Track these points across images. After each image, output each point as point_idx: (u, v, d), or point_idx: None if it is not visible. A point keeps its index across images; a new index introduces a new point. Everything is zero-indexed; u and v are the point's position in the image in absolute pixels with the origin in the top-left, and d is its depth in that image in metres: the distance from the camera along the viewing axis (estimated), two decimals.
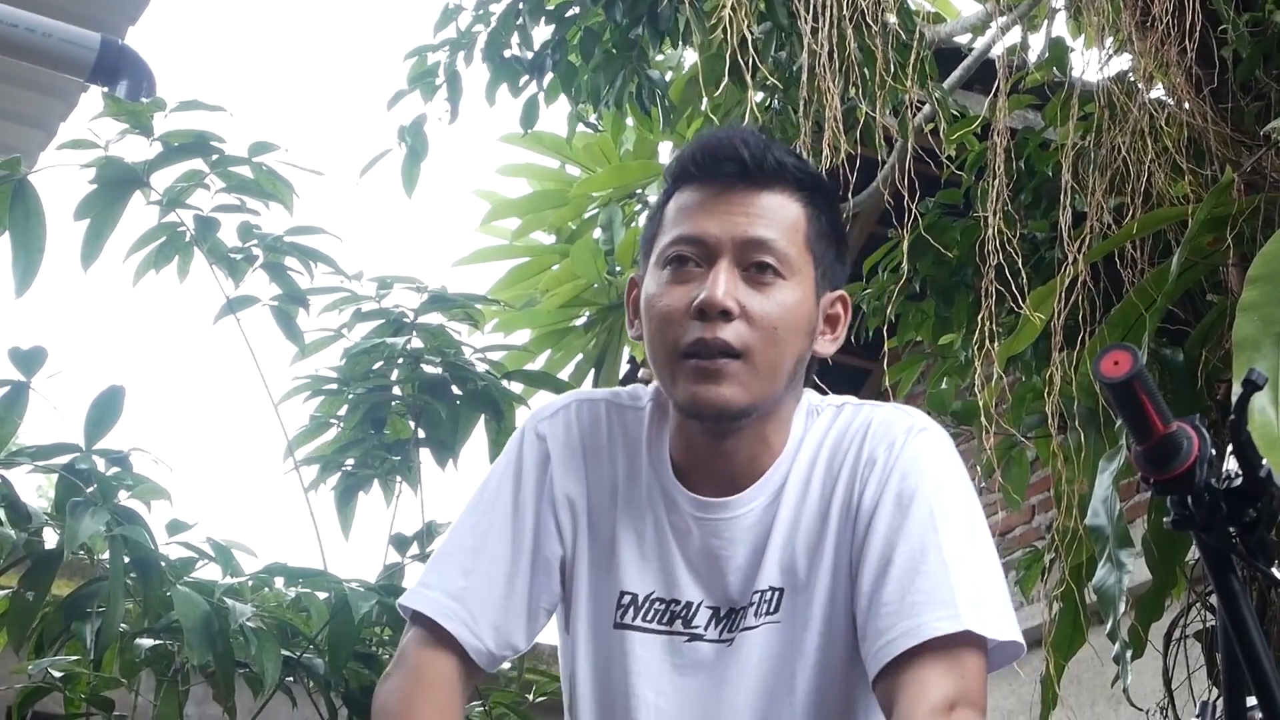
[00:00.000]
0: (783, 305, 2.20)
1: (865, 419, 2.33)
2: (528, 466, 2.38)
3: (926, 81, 5.65)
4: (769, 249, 2.20)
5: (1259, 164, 4.82)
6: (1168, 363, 4.91)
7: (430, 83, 6.70)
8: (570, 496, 2.36)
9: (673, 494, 2.32)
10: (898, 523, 2.20)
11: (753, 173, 2.22)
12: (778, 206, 2.23)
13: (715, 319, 2.16)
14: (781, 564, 2.27)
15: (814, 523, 2.28)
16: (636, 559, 2.32)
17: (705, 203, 2.23)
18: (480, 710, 4.22)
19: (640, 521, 2.33)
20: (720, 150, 2.24)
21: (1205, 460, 1.89)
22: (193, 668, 3.78)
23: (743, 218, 2.21)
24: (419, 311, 4.50)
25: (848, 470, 2.28)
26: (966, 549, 2.19)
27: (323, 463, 4.46)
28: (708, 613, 2.29)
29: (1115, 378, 1.85)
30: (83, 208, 4.04)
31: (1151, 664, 5.27)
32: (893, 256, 5.94)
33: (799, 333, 2.23)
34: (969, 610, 2.12)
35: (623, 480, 2.36)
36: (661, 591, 2.30)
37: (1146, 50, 4.90)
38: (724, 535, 2.29)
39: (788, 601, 2.26)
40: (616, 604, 2.31)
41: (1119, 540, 4.36)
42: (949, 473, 2.28)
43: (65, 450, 3.73)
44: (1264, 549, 1.93)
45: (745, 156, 2.21)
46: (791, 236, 2.23)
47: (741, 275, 2.19)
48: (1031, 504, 8.36)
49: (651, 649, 2.29)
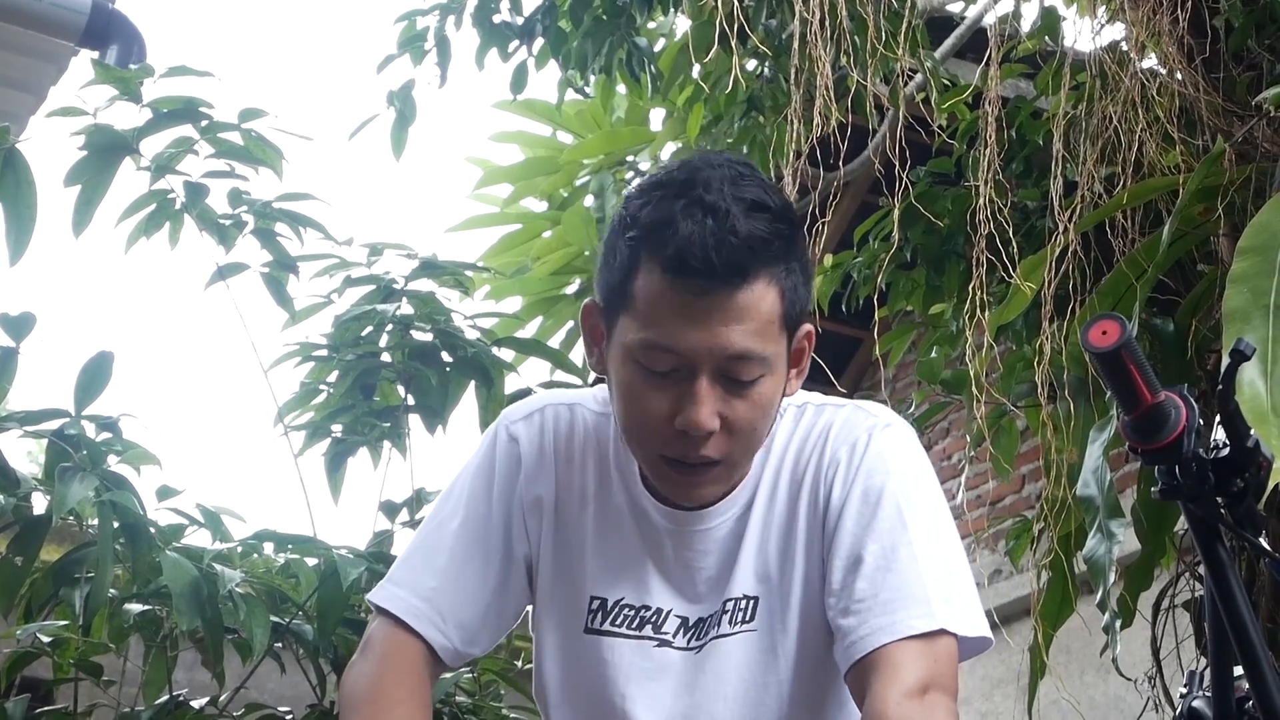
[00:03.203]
0: (761, 402, 2.13)
1: (826, 422, 2.32)
2: (500, 468, 2.37)
3: (918, 50, 5.65)
4: (751, 361, 2.09)
5: (1250, 134, 4.82)
6: (1158, 333, 4.91)
7: (419, 47, 6.71)
8: (540, 500, 2.35)
9: (644, 505, 2.31)
10: (866, 520, 2.20)
11: (730, 278, 2.05)
12: (755, 301, 2.07)
13: (698, 439, 2.11)
14: (754, 572, 2.27)
15: (783, 529, 2.28)
16: (606, 565, 2.31)
17: (680, 306, 2.06)
18: (469, 677, 4.23)
19: (610, 529, 2.32)
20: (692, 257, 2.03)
21: (1193, 430, 1.89)
22: (181, 633, 3.78)
23: (722, 328, 2.06)
24: (409, 278, 4.49)
25: (811, 474, 2.28)
26: (935, 544, 2.20)
27: (311, 429, 4.45)
28: (677, 621, 2.29)
29: (1103, 347, 1.85)
30: (72, 175, 4.03)
31: (1140, 633, 5.28)
32: (884, 225, 5.95)
33: (775, 410, 2.20)
34: (942, 607, 2.13)
35: (594, 487, 2.35)
36: (631, 598, 2.30)
37: (1138, 19, 4.90)
38: (696, 547, 2.28)
39: (763, 609, 2.26)
40: (587, 609, 2.31)
41: (1109, 510, 4.36)
42: (914, 467, 2.27)
43: (55, 415, 3.72)
44: (1251, 519, 1.94)
45: (719, 265, 2.03)
46: (768, 330, 2.10)
47: (722, 385, 2.10)
48: (1021, 473, 8.37)
49: (622, 653, 2.29)
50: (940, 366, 6.40)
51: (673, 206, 2.07)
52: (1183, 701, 2.22)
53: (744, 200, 2.07)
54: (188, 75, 4.16)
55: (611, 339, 2.17)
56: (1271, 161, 4.70)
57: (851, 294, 6.34)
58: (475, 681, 4.25)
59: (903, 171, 5.05)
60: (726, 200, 2.06)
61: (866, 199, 8.00)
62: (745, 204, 2.07)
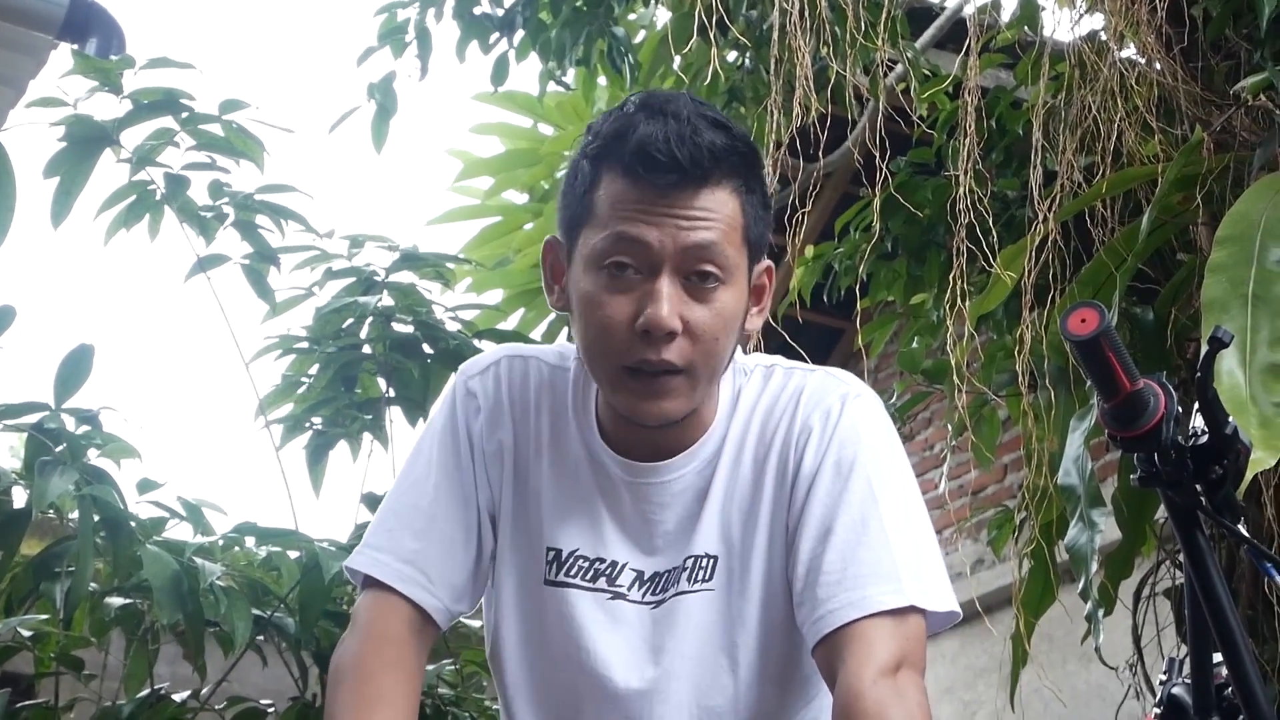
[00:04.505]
0: (723, 314, 2.14)
1: (797, 385, 2.30)
2: (462, 423, 2.35)
3: (898, 41, 5.66)
4: (711, 256, 2.11)
5: (1229, 123, 4.83)
6: (1138, 321, 4.92)
7: (400, 39, 6.71)
8: (500, 449, 2.34)
9: (601, 457, 2.30)
10: (837, 492, 2.19)
11: (691, 173, 2.09)
12: (717, 205, 2.12)
13: (660, 339, 2.11)
14: (717, 531, 2.26)
15: (748, 490, 2.26)
16: (561, 516, 2.30)
17: (642, 203, 2.10)
18: (452, 669, 4.23)
19: (567, 480, 2.31)
20: (655, 151, 2.08)
21: (1171, 418, 1.89)
22: (163, 627, 3.78)
23: (685, 222, 2.10)
24: (390, 270, 4.49)
25: (781, 437, 2.26)
26: (905, 519, 2.19)
27: (293, 421, 4.45)
28: (632, 574, 2.28)
29: (1082, 335, 1.86)
30: (52, 166, 4.03)
31: (1121, 621, 5.29)
32: (864, 216, 5.95)
33: (735, 331, 2.19)
34: (912, 583, 2.12)
35: (549, 438, 2.34)
36: (586, 550, 2.29)
37: (1117, 9, 4.90)
38: (654, 500, 2.27)
39: (723, 569, 2.25)
40: (544, 559, 2.30)
41: (1090, 499, 4.37)
42: (885, 440, 2.27)
43: (34, 409, 3.72)
44: (1229, 506, 1.94)
45: (683, 159, 2.07)
46: (730, 236, 2.13)
47: (683, 285, 2.12)
48: (1003, 463, 8.39)
49: (581, 605, 2.28)
50: (921, 356, 6.41)
51: (634, 117, 2.12)
52: (1163, 688, 2.23)
53: (705, 116, 2.13)
54: (168, 67, 4.16)
55: (572, 265, 2.19)
56: (1249, 150, 4.71)
57: (833, 285, 6.34)
58: (458, 673, 4.26)
59: (883, 162, 5.06)
60: (687, 109, 2.12)
61: (847, 189, 8.00)
62: (707, 118, 2.12)
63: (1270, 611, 4.57)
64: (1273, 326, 3.66)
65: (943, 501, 8.72)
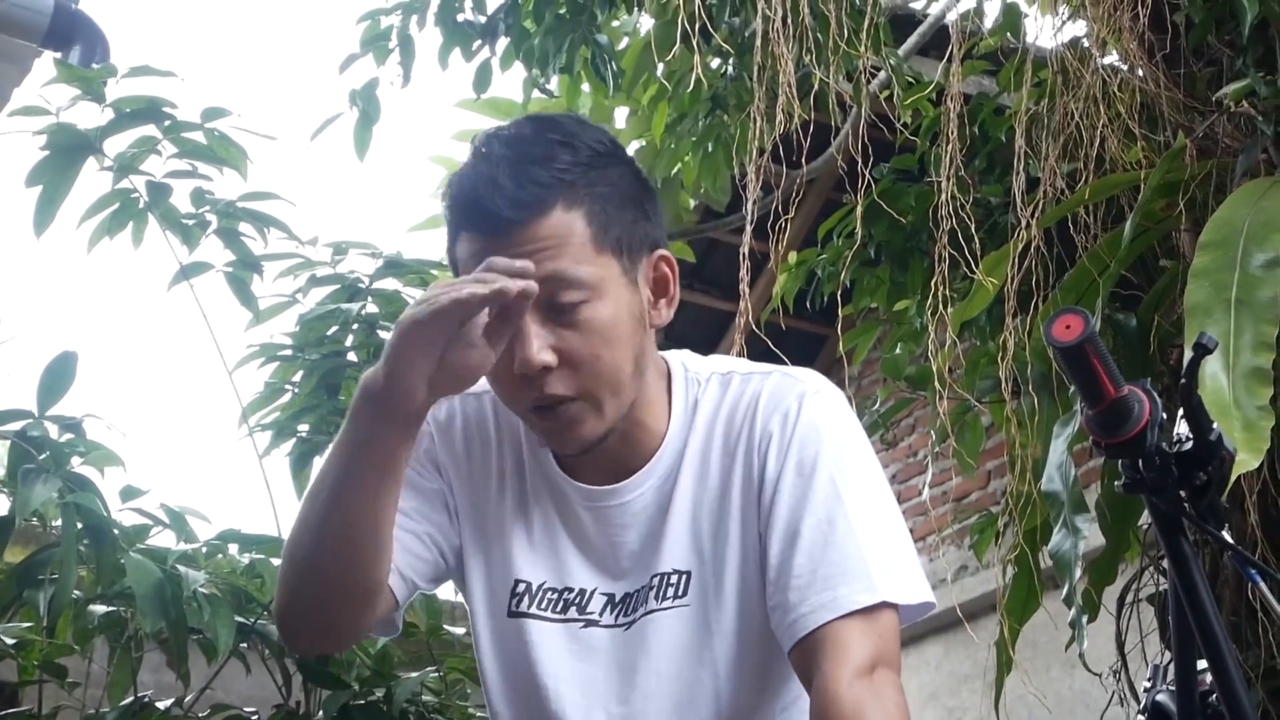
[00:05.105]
0: (599, 329, 2.12)
1: (754, 391, 2.29)
2: (424, 451, 2.35)
3: (881, 47, 5.67)
4: (562, 283, 2.09)
5: (1211, 129, 4.84)
6: (1121, 327, 4.92)
7: (383, 46, 6.70)
8: (459, 486, 2.34)
9: (559, 485, 2.29)
10: (801, 493, 2.18)
11: (515, 215, 2.08)
12: (555, 228, 2.10)
13: (538, 377, 2.10)
14: (687, 546, 2.25)
15: (716, 502, 2.25)
16: (527, 549, 2.30)
17: (484, 254, 2.08)
18: (435, 676, 4.22)
19: (529, 512, 2.31)
20: (478, 203, 2.10)
21: (1156, 424, 1.89)
22: (146, 635, 3.77)
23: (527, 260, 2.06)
24: (374, 277, 4.49)
25: (744, 446, 2.25)
26: (871, 514, 2.18)
27: (277, 429, 4.44)
28: (603, 599, 2.27)
29: (1066, 342, 1.86)
30: (34, 174, 4.02)
31: (1105, 628, 5.30)
32: (847, 222, 5.97)
33: (626, 337, 2.16)
34: (883, 579, 2.11)
35: (510, 472, 2.34)
36: (553, 581, 2.29)
37: (1099, 16, 4.91)
38: (615, 522, 2.27)
39: (696, 584, 2.24)
40: (511, 593, 2.30)
41: (1074, 505, 4.38)
42: (846, 435, 2.25)
43: (17, 416, 3.71)
44: (1214, 512, 1.94)
45: (502, 205, 2.08)
46: (580, 252, 2.11)
47: (547, 317, 2.10)
48: (987, 469, 8.41)
49: (549, 636, 2.27)
50: (904, 363, 6.41)
51: (463, 169, 2.16)
52: (1147, 695, 2.23)
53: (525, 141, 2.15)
54: (151, 75, 4.15)
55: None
56: (1232, 157, 4.72)
57: (816, 291, 6.34)
58: (441, 680, 4.25)
59: (866, 169, 5.06)
60: (505, 146, 2.14)
61: (830, 196, 8.02)
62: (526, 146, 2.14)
63: (1254, 617, 4.58)
64: (1256, 331, 3.67)
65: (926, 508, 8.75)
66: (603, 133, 2.24)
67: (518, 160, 2.11)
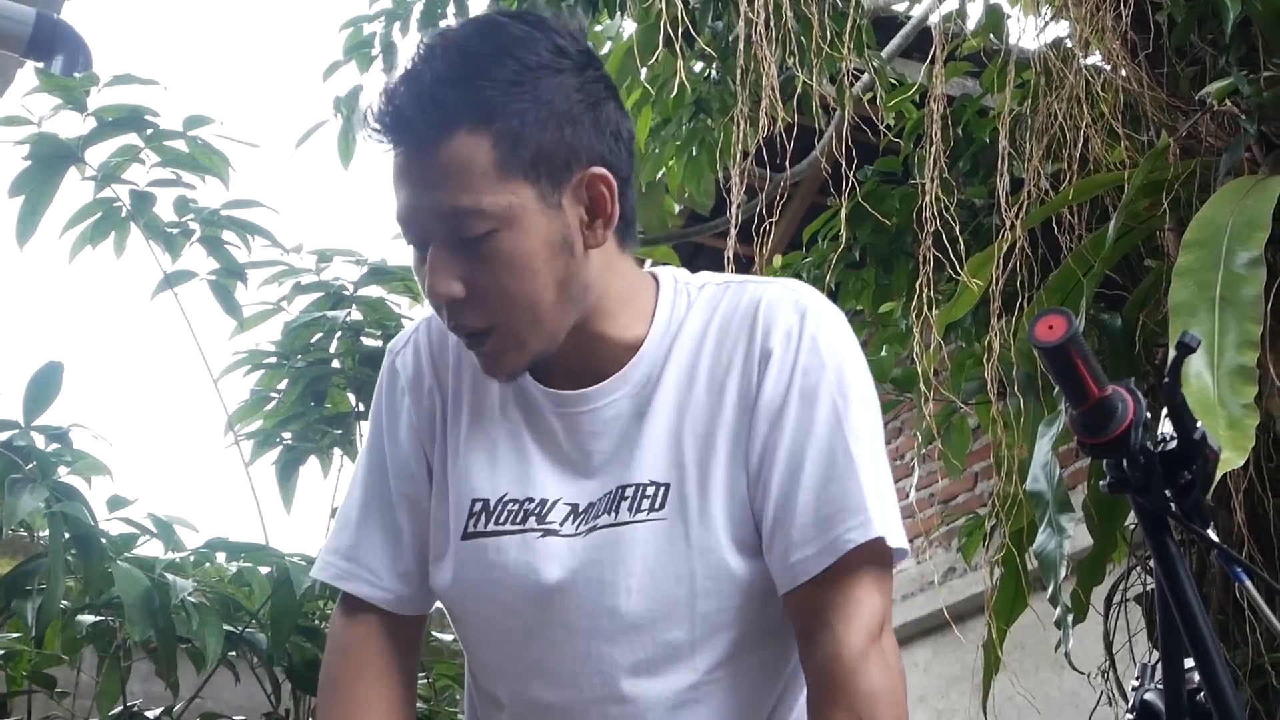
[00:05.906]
0: (506, 260, 2.00)
1: (753, 298, 2.17)
2: (390, 404, 2.28)
3: (864, 50, 5.66)
4: (464, 218, 1.98)
5: (1194, 129, 4.85)
6: (1106, 327, 4.92)
7: (366, 53, 6.69)
8: (431, 419, 2.25)
9: (530, 392, 2.18)
10: (805, 423, 2.08)
11: (417, 136, 1.98)
12: (454, 156, 1.97)
13: (449, 308, 2.03)
14: (666, 457, 2.12)
15: (704, 414, 2.13)
16: (489, 465, 2.18)
17: (397, 175, 2.01)
18: (424, 682, 4.22)
19: (492, 426, 2.20)
20: (378, 124, 2.00)
21: (1140, 424, 1.89)
22: (134, 644, 3.77)
23: (428, 190, 1.98)
24: (359, 284, 4.49)
25: (741, 359, 2.13)
26: (869, 446, 2.10)
27: (262, 436, 4.45)
28: (566, 509, 2.13)
29: (1050, 342, 1.85)
30: (17, 184, 4.02)
31: (1093, 628, 5.31)
32: (832, 225, 5.96)
33: (540, 267, 2.02)
34: (879, 515, 2.04)
35: (469, 388, 2.23)
36: (515, 492, 2.15)
37: (1082, 16, 4.92)
38: (585, 429, 2.15)
39: (675, 497, 2.11)
40: (468, 513, 2.17)
41: (1059, 505, 4.38)
42: (847, 356, 2.16)
43: (3, 427, 3.71)
44: (1199, 511, 1.94)
45: (402, 129, 1.99)
46: (485, 182, 1.97)
47: (454, 247, 2.00)
48: (973, 471, 8.40)
49: (506, 551, 2.13)
50: (890, 365, 6.41)
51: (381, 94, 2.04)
52: (1135, 694, 2.23)
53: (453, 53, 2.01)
54: (133, 84, 4.16)
55: None
56: (1215, 156, 4.73)
57: None
58: (430, 686, 4.25)
59: (850, 171, 5.06)
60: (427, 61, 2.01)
61: (815, 199, 8.01)
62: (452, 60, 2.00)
63: (1241, 616, 4.58)
64: (1240, 329, 3.68)
65: (913, 510, 8.76)
66: (557, 37, 2.10)
67: (433, 79, 1.98)
